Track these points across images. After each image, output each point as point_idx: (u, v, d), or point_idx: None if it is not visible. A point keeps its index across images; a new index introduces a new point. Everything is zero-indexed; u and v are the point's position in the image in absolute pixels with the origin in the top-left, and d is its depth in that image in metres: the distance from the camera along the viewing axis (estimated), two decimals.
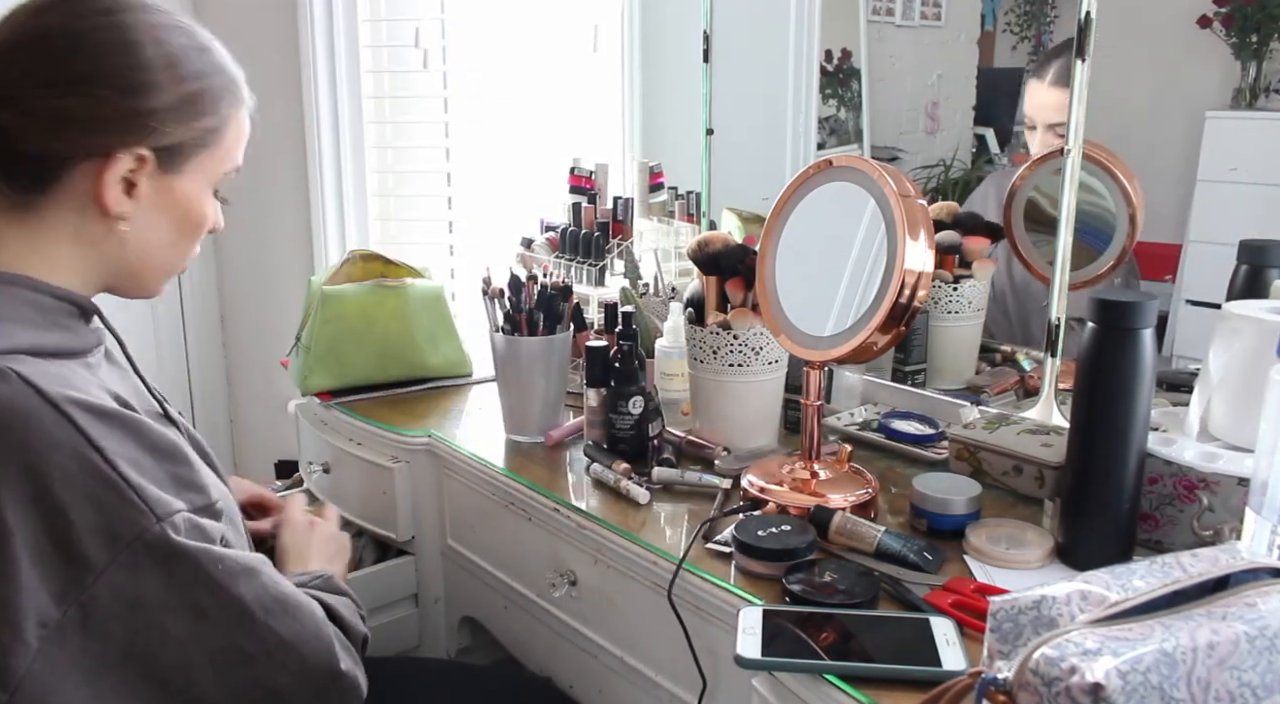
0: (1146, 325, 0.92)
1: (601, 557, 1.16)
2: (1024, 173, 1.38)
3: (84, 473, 0.77)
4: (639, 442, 1.28)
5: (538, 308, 1.34)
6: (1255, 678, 0.62)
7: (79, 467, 0.77)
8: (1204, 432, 1.05)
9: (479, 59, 2.16)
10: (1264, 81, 1.21)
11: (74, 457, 0.77)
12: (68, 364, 0.84)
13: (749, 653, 0.86)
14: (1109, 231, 1.28)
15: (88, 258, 0.89)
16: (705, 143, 1.75)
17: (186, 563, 0.81)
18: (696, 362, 1.29)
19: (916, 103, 1.60)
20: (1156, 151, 1.32)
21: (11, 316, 0.83)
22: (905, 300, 1.02)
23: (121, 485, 0.78)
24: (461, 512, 1.42)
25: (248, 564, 0.86)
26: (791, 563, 0.99)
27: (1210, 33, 1.23)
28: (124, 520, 0.78)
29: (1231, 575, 0.67)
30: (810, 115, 1.71)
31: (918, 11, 1.60)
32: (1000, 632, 0.67)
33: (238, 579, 0.84)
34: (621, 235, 1.72)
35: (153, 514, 0.79)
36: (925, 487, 1.10)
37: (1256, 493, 0.81)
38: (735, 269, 1.26)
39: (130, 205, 0.87)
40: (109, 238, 0.88)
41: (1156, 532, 1.01)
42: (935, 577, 0.99)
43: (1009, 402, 1.38)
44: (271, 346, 2.27)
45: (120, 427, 0.81)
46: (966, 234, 1.41)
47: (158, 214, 0.90)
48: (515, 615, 1.35)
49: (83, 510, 0.77)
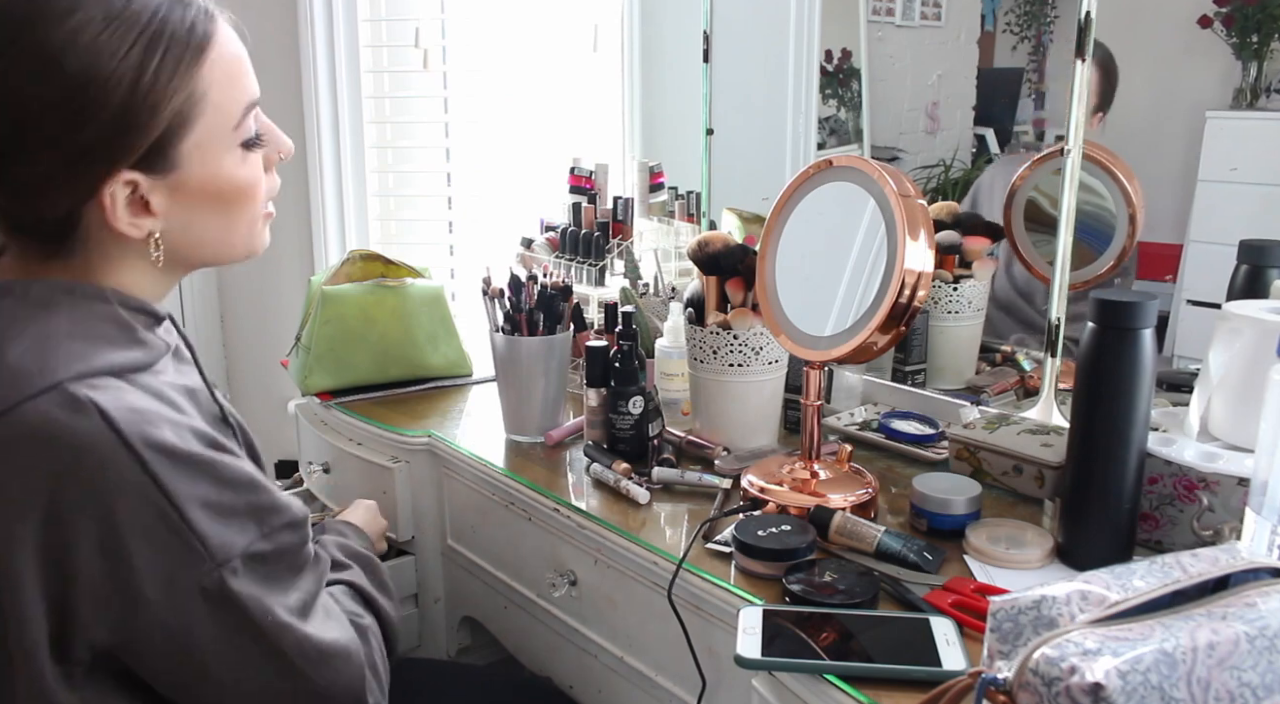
0: (1146, 325, 0.92)
1: (601, 557, 1.16)
2: (1024, 173, 1.38)
3: (152, 517, 0.76)
4: (639, 442, 1.28)
5: (538, 308, 1.34)
6: (1255, 678, 0.62)
7: (148, 510, 0.76)
8: (1204, 432, 1.05)
9: (479, 59, 2.16)
10: (1265, 81, 1.21)
11: (144, 500, 0.75)
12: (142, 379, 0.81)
13: (749, 653, 0.86)
14: (1109, 231, 1.28)
15: (146, 271, 0.85)
16: (705, 143, 1.75)
17: (237, 611, 0.81)
18: (696, 362, 1.29)
19: (916, 103, 1.60)
20: (1157, 151, 1.32)
21: (91, 334, 0.79)
22: (905, 300, 1.02)
23: (186, 532, 0.77)
24: (461, 512, 1.42)
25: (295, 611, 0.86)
26: (791, 563, 0.99)
27: (1211, 33, 1.23)
28: (184, 566, 0.78)
29: (1231, 575, 0.67)
30: (810, 115, 1.71)
31: (918, 11, 1.60)
32: (1000, 632, 0.67)
33: (284, 632, 0.84)
34: (621, 235, 1.72)
35: (213, 560, 0.78)
36: (925, 487, 1.10)
37: (1256, 493, 0.81)
38: (735, 269, 1.26)
39: (153, 221, 0.81)
40: (156, 250, 0.82)
41: (1156, 532, 1.01)
42: (935, 577, 0.99)
43: (1009, 401, 1.38)
44: (271, 347, 2.27)
45: (193, 467, 0.78)
46: (966, 234, 1.41)
47: (188, 210, 0.82)
48: (515, 615, 1.35)
49: (146, 555, 0.76)
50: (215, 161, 0.82)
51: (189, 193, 0.81)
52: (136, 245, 0.82)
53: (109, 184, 0.77)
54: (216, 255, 0.88)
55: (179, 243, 0.84)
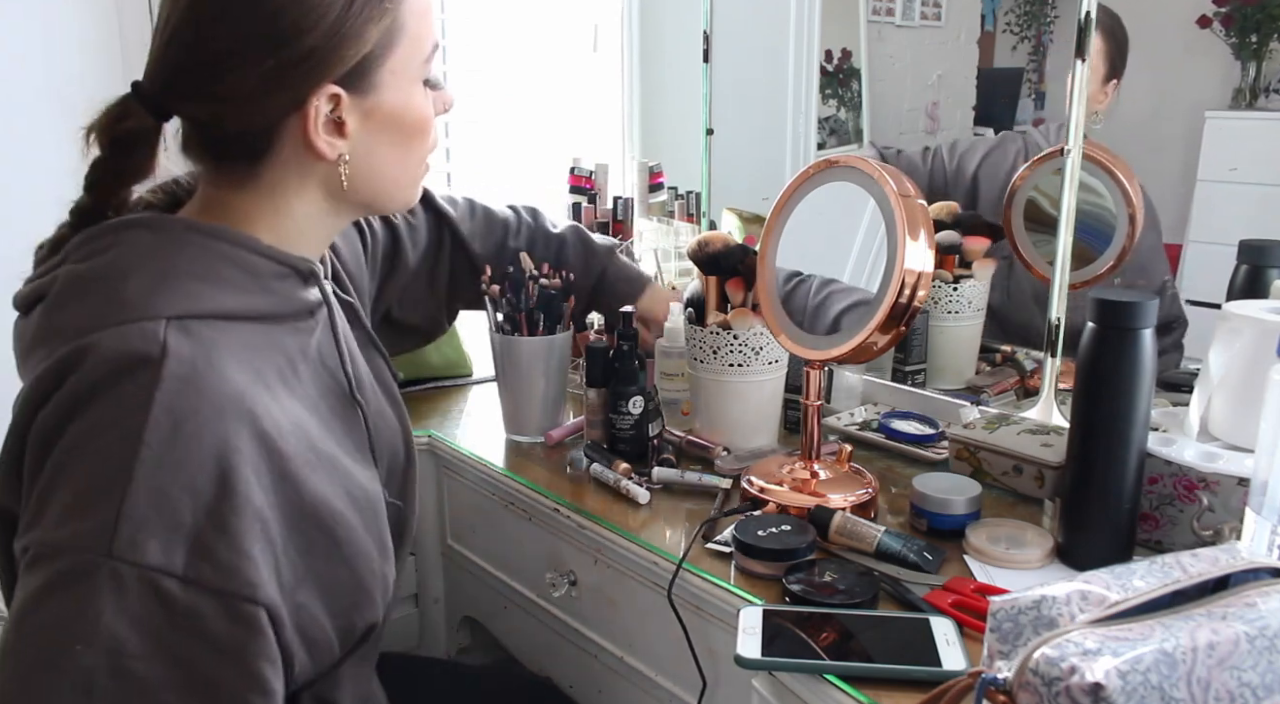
0: (1146, 325, 0.92)
1: (601, 557, 1.16)
2: (1024, 173, 1.38)
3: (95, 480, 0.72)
4: (639, 442, 1.28)
5: (538, 308, 1.34)
6: (1255, 678, 0.62)
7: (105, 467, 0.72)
8: (1204, 432, 1.05)
9: (479, 59, 2.16)
10: (1264, 81, 1.21)
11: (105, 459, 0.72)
12: (261, 328, 0.82)
13: (749, 653, 0.86)
14: (1109, 231, 1.28)
15: (322, 208, 0.88)
16: (705, 143, 1.75)
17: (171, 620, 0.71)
18: (696, 362, 1.29)
19: (916, 103, 1.60)
20: (1157, 151, 1.32)
21: (213, 276, 0.81)
22: (905, 300, 1.02)
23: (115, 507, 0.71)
24: (461, 512, 1.42)
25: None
26: (791, 563, 0.99)
27: (1210, 33, 1.23)
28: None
29: (1231, 575, 0.67)
30: (810, 115, 1.71)
31: (918, 11, 1.60)
32: (1000, 632, 0.67)
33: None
34: (621, 235, 1.72)
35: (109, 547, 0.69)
36: (925, 487, 1.10)
37: (1256, 493, 0.81)
38: (735, 269, 1.26)
39: (345, 143, 0.84)
40: (338, 178, 0.86)
41: (1156, 532, 1.01)
42: (935, 577, 0.99)
43: (1009, 401, 1.38)
44: None
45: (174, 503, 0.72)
46: (966, 234, 1.41)
47: (375, 137, 0.86)
48: (515, 615, 1.35)
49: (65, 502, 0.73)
50: (407, 91, 0.87)
51: (379, 119, 0.86)
52: (321, 173, 0.86)
53: (317, 95, 0.81)
54: (388, 194, 0.91)
55: (360, 171, 0.87)
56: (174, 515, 0.71)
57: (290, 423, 0.81)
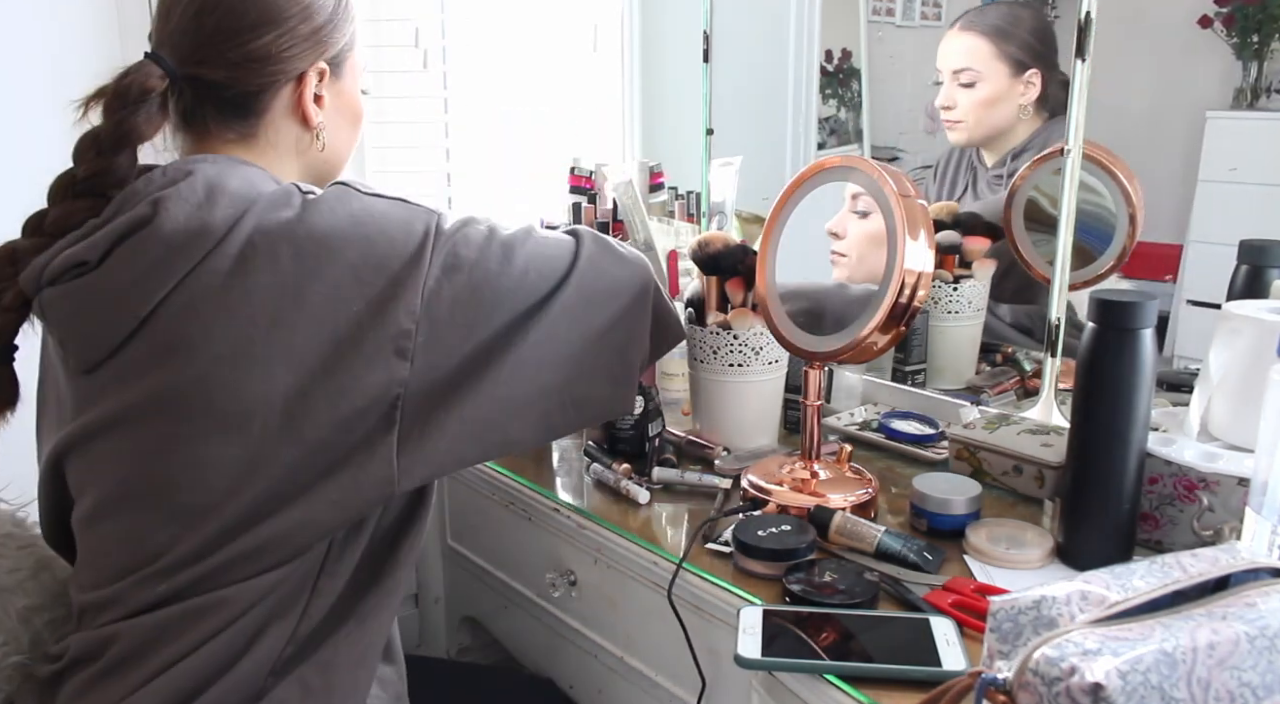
0: (1146, 325, 0.92)
1: (601, 557, 1.16)
2: (1024, 173, 1.38)
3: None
4: (639, 442, 1.28)
5: None
6: (1255, 678, 0.62)
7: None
8: (1204, 432, 1.05)
9: (479, 59, 2.16)
10: (1265, 81, 1.21)
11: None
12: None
13: (749, 653, 0.86)
14: (1109, 231, 1.28)
15: (302, 167, 1.02)
16: (705, 143, 1.75)
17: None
18: (696, 361, 1.29)
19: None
20: (1157, 151, 1.32)
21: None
22: (905, 300, 1.02)
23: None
24: (462, 512, 1.42)
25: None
26: (791, 563, 0.99)
27: (1211, 33, 1.23)
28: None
29: (1231, 575, 0.67)
30: (810, 115, 1.71)
31: (918, 11, 1.60)
32: (1000, 632, 0.67)
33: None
34: (621, 235, 1.72)
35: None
36: (925, 487, 1.10)
37: (1256, 493, 0.81)
38: (735, 269, 1.26)
39: (322, 115, 0.99)
40: (314, 145, 1.00)
41: (1156, 532, 1.01)
42: (935, 577, 0.99)
43: (1009, 401, 1.38)
44: None
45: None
46: (966, 234, 1.41)
47: (338, 116, 1.02)
48: (515, 615, 1.35)
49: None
50: (355, 85, 1.05)
51: (342, 102, 1.03)
52: (301, 140, 1.00)
53: (315, 66, 0.97)
54: (337, 168, 1.06)
55: (329, 143, 1.02)
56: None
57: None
